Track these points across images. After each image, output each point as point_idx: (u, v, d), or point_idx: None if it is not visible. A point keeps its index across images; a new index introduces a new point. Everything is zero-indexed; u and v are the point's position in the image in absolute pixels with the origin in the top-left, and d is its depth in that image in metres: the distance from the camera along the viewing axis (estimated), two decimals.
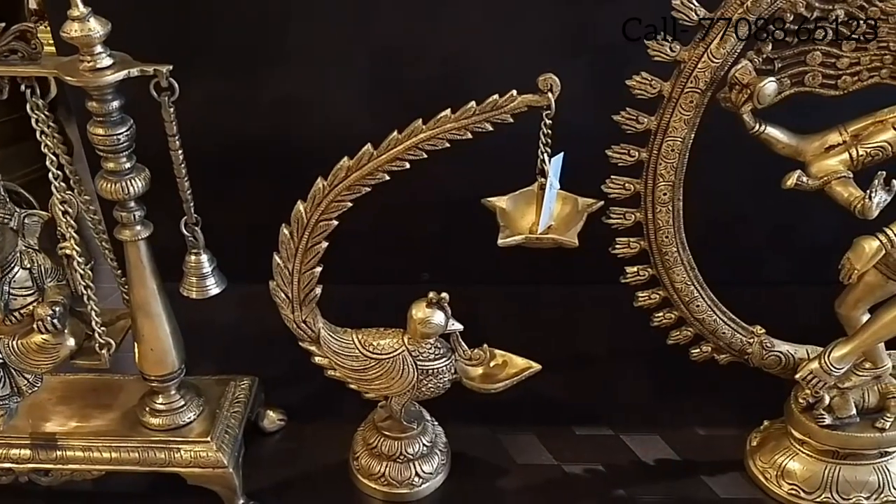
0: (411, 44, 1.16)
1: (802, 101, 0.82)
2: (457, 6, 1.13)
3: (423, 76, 1.18)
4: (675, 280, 0.91)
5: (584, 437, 1.08)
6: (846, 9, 0.77)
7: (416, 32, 1.15)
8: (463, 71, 1.19)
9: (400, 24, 1.16)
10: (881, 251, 0.79)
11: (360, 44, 1.17)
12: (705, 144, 0.86)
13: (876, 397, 0.96)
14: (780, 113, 0.82)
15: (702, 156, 0.88)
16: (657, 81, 0.80)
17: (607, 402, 1.13)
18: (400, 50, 1.17)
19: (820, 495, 0.96)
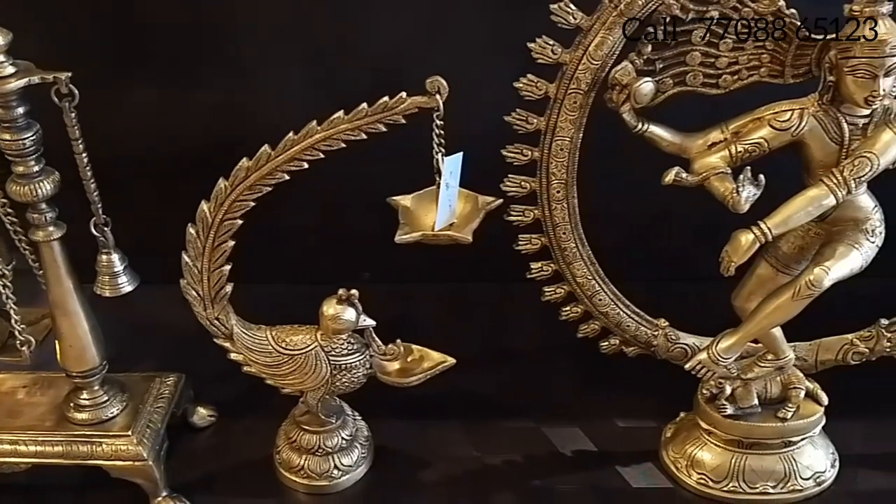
0: (346, 44, 1.20)
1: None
2: (390, 5, 1.17)
3: (358, 76, 1.22)
4: (576, 275, 0.94)
5: (507, 429, 1.11)
6: (720, 10, 0.80)
7: (350, 33, 1.18)
8: (397, 70, 1.22)
9: (334, 25, 1.20)
10: (756, 244, 0.81)
11: (296, 44, 1.20)
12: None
13: (778, 388, 0.98)
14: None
15: (634, 154, 0.90)
16: (543, 83, 0.83)
17: (532, 395, 1.16)
18: (334, 50, 1.21)
19: (727, 484, 0.98)
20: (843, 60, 0.78)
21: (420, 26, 1.17)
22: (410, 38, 1.16)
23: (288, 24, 1.19)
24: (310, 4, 1.17)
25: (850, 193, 0.82)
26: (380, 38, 1.17)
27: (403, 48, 1.17)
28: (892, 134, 0.80)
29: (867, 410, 1.09)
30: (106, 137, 1.27)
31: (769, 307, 0.87)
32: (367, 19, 1.18)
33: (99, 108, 1.26)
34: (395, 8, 1.16)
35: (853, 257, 0.84)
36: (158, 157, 1.26)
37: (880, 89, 0.78)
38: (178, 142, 1.24)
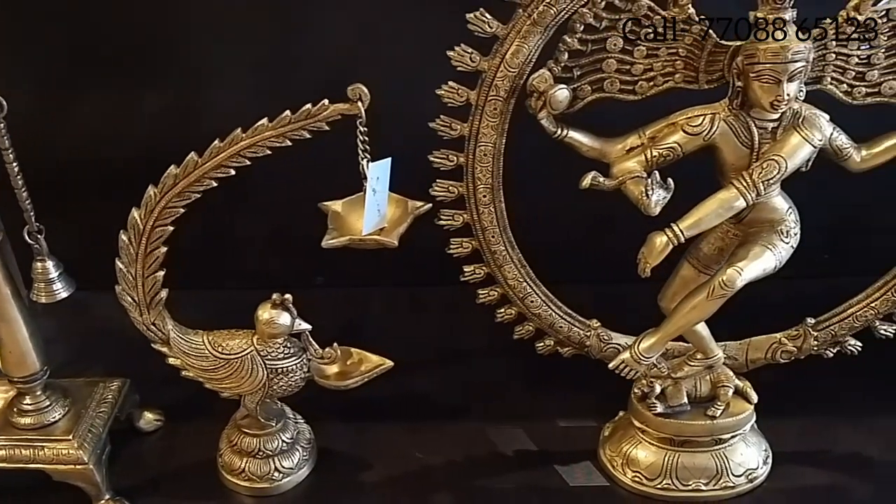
0: (293, 50, 1.22)
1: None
2: (336, 12, 1.19)
3: (305, 82, 1.23)
4: (507, 277, 0.96)
5: (450, 430, 1.12)
6: (633, 18, 0.82)
7: (297, 39, 1.20)
8: (343, 76, 1.24)
9: (281, 31, 1.21)
10: (669, 245, 0.83)
11: (243, 51, 1.22)
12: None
13: (708, 386, 1.00)
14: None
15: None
16: (464, 90, 0.85)
17: (477, 396, 1.18)
18: (281, 56, 1.22)
19: (661, 482, 1.00)
20: (749, 66, 0.81)
21: (366, 33, 1.19)
22: (356, 45, 1.19)
23: (235, 31, 1.21)
24: (257, 11, 1.19)
25: (759, 196, 0.84)
26: (326, 44, 1.19)
27: (349, 54, 1.20)
28: (799, 138, 0.83)
29: (802, 408, 1.11)
30: (56, 143, 1.30)
31: (686, 307, 0.89)
32: (314, 26, 1.20)
33: (49, 114, 1.30)
34: (342, 15, 1.18)
35: (766, 258, 0.86)
36: (108, 162, 1.27)
37: (784, 94, 0.80)
38: (126, 147, 1.26)
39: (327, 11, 1.18)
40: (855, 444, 1.07)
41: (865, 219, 1.27)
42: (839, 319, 0.97)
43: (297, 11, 1.19)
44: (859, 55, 0.83)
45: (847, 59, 0.84)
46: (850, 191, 1.13)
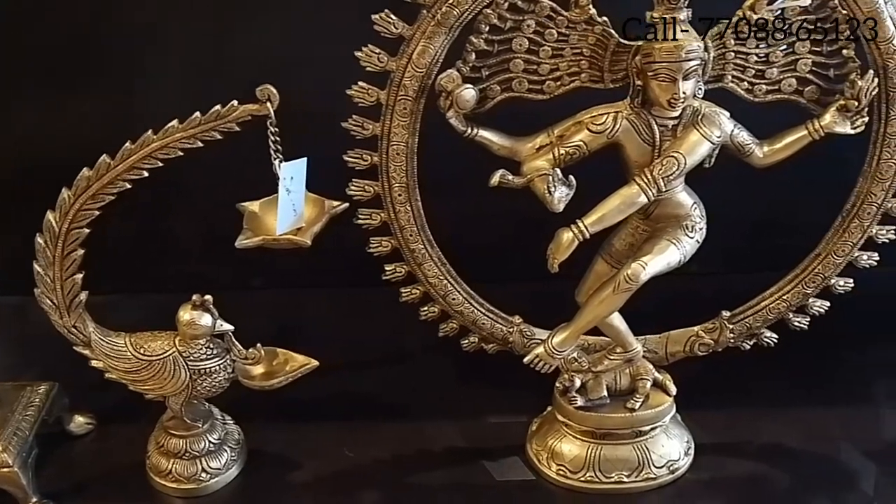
0: (222, 55, 1.22)
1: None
2: (265, 17, 1.20)
3: (234, 87, 1.24)
4: (428, 275, 0.97)
5: (382, 429, 1.13)
6: (536, 19, 0.84)
7: (226, 44, 1.21)
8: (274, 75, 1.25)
9: (209, 36, 1.22)
10: (574, 241, 0.85)
11: (171, 56, 1.22)
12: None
13: (628, 379, 1.02)
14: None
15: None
16: (374, 90, 0.87)
17: (410, 394, 1.19)
18: (210, 61, 1.23)
19: (584, 474, 1.02)
20: (647, 65, 0.83)
21: (297, 34, 1.19)
22: (286, 47, 1.19)
23: (168, 33, 1.22)
24: (185, 17, 1.20)
25: (660, 192, 0.86)
26: (259, 45, 1.19)
27: (279, 58, 1.20)
28: (699, 135, 0.85)
29: (725, 400, 1.14)
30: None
31: (595, 301, 0.91)
32: (246, 27, 1.21)
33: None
34: (271, 19, 1.19)
35: (670, 252, 0.88)
36: (41, 166, 1.25)
37: (680, 92, 0.82)
38: (58, 151, 1.24)
39: (258, 13, 1.19)
40: (776, 435, 1.09)
41: (785, 216, 1.31)
42: (753, 312, 1.00)
43: (229, 13, 1.20)
44: (758, 53, 0.86)
45: (746, 57, 0.86)
46: (771, 189, 1.18)
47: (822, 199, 1.01)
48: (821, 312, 1.00)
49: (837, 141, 0.93)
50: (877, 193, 0.91)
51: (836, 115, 0.87)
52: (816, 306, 1.00)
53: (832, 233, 0.95)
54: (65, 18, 1.20)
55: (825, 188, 0.99)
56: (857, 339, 1.23)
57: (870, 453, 1.06)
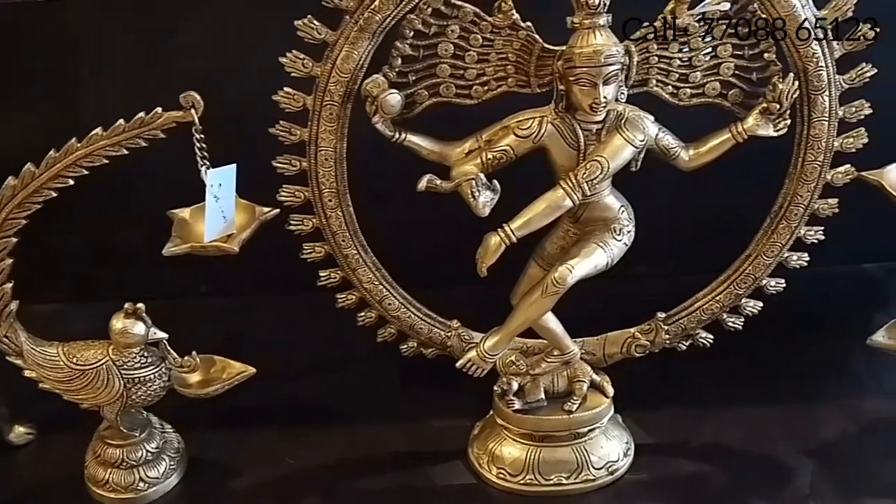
0: (162, 64, 1.21)
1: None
2: (205, 24, 1.19)
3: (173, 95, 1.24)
4: (363, 280, 0.97)
5: (325, 435, 1.12)
6: (460, 24, 0.84)
7: (166, 53, 1.20)
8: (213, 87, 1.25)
9: (149, 44, 1.21)
10: (501, 245, 0.85)
11: (111, 63, 1.21)
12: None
13: (565, 382, 1.02)
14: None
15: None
16: (300, 96, 0.86)
17: (355, 400, 1.18)
18: (149, 70, 1.21)
19: (524, 477, 1.02)
20: (568, 70, 0.83)
21: (237, 42, 1.19)
22: (226, 55, 1.18)
23: (97, 44, 1.21)
24: (120, 22, 1.18)
25: (585, 195, 0.87)
26: (200, 51, 1.18)
27: (220, 66, 1.19)
28: (622, 139, 0.86)
29: (667, 400, 1.14)
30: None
31: (524, 305, 0.91)
32: (186, 33, 1.19)
33: None
34: (211, 26, 1.18)
35: (598, 255, 0.89)
36: None
37: (601, 97, 0.83)
38: None
39: (193, 20, 1.19)
40: (716, 435, 1.10)
41: (734, 218, 1.32)
42: (688, 314, 1.01)
43: (169, 18, 1.20)
44: (681, 58, 0.87)
45: (669, 61, 0.87)
46: (721, 191, 1.19)
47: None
48: (754, 313, 1.01)
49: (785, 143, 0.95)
50: (803, 195, 0.93)
51: (759, 118, 0.88)
52: (749, 307, 1.01)
53: (761, 234, 0.96)
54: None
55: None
56: (798, 339, 1.24)
57: (808, 452, 1.07)
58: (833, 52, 0.87)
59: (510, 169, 0.93)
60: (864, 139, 0.91)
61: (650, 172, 0.96)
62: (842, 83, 0.88)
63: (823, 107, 0.87)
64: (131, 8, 1.15)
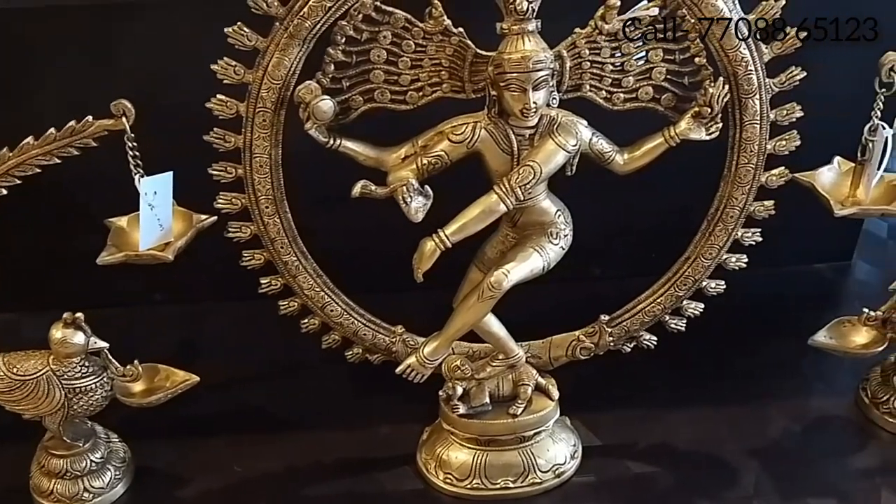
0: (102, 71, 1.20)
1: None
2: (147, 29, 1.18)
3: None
4: (304, 287, 0.97)
5: (274, 441, 1.12)
6: (392, 30, 0.84)
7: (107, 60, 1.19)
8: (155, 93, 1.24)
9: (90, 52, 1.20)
10: (436, 251, 0.86)
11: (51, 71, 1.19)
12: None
13: (510, 385, 1.02)
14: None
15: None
16: (233, 103, 0.86)
17: (306, 407, 1.18)
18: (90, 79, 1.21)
19: (471, 482, 1.02)
20: (499, 76, 0.83)
21: (179, 49, 1.18)
22: (167, 62, 1.16)
23: (42, 50, 1.20)
24: (62, 30, 1.17)
25: (518, 200, 0.87)
26: (136, 63, 1.16)
27: (162, 73, 1.18)
28: (554, 144, 0.86)
29: (616, 402, 1.15)
30: None
31: (461, 309, 0.92)
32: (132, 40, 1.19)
33: None
34: (153, 32, 1.17)
35: (534, 259, 0.89)
36: None
37: (531, 102, 0.83)
38: None
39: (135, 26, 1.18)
40: (663, 436, 1.10)
41: (683, 221, 1.33)
42: (630, 315, 1.01)
43: (110, 26, 1.18)
44: (613, 63, 0.87)
45: (602, 66, 0.88)
46: (673, 194, 1.20)
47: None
48: (695, 314, 1.02)
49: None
50: (738, 197, 0.93)
51: (691, 122, 0.89)
52: (691, 308, 1.02)
53: (699, 236, 0.97)
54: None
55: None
56: (749, 339, 1.25)
57: (753, 452, 1.08)
58: (762, 55, 0.88)
59: (457, 173, 0.94)
60: (797, 142, 0.92)
61: (603, 175, 0.96)
62: (772, 86, 0.89)
63: (754, 110, 0.88)
64: (73, 17, 1.14)
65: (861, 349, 1.05)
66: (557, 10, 0.84)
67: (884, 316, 1.04)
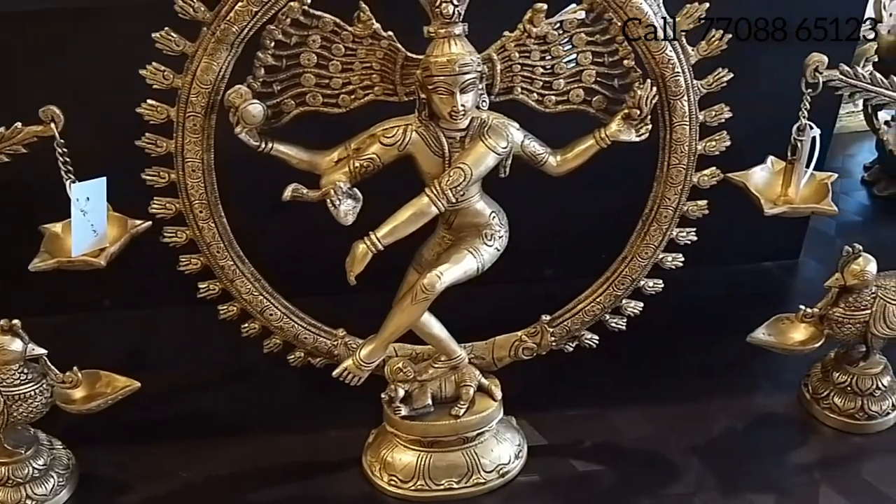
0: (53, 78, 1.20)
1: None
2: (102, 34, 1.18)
3: None
4: (242, 291, 0.97)
5: (221, 447, 1.11)
6: (321, 34, 0.85)
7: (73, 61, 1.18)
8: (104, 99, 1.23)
9: (39, 58, 1.19)
10: (368, 254, 0.86)
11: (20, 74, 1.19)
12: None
13: (453, 387, 1.03)
14: None
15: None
16: (163, 108, 0.86)
17: (255, 412, 1.17)
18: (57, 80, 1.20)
19: (415, 483, 1.02)
20: (427, 79, 0.84)
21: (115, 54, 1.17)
22: (102, 67, 1.15)
23: (14, 55, 1.19)
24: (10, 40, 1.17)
25: (450, 202, 0.87)
26: (73, 69, 1.14)
27: (98, 79, 1.17)
28: (484, 147, 0.86)
29: (562, 401, 1.15)
30: None
31: (396, 311, 0.92)
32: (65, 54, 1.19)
33: None
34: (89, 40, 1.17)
35: (467, 261, 0.89)
36: None
37: (459, 105, 0.83)
38: None
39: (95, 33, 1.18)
40: (608, 434, 1.11)
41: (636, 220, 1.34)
42: (571, 315, 1.02)
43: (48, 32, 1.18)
44: (543, 65, 0.88)
45: (532, 69, 0.88)
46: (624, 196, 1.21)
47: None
48: (635, 313, 1.03)
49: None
50: (671, 197, 0.94)
51: (622, 124, 0.90)
52: (630, 307, 1.03)
53: (635, 236, 0.98)
54: None
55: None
56: (696, 337, 1.26)
57: (696, 449, 1.08)
58: (689, 57, 0.89)
59: (397, 175, 0.94)
60: (727, 142, 0.94)
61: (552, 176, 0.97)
62: (700, 88, 0.90)
63: (683, 111, 0.89)
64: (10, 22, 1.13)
65: (799, 346, 1.07)
66: (489, 13, 0.85)
67: (820, 312, 1.06)
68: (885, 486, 1.03)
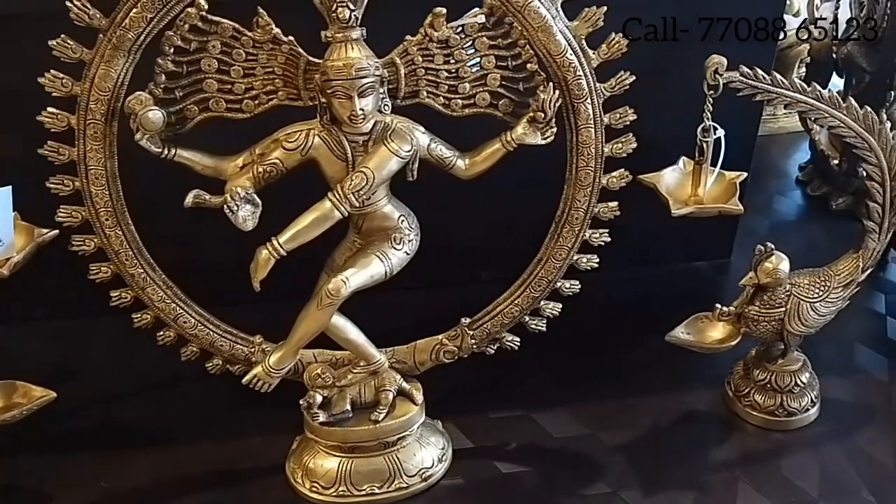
0: None
1: None
2: None
3: None
4: (154, 299, 0.96)
5: (142, 456, 1.10)
6: (221, 40, 0.84)
7: None
8: None
9: None
10: (271, 259, 0.86)
11: None
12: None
13: (373, 392, 1.02)
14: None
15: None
16: (64, 115, 0.85)
17: (179, 421, 1.16)
18: None
19: (337, 489, 1.02)
20: (325, 83, 0.84)
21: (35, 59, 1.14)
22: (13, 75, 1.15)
23: None
24: None
25: (353, 206, 0.87)
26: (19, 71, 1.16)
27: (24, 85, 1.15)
28: (387, 150, 0.87)
29: (487, 403, 1.16)
30: None
31: (302, 317, 0.91)
32: None
33: None
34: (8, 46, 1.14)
35: (374, 266, 0.89)
36: None
37: (357, 109, 0.83)
38: None
39: None
40: (533, 435, 1.12)
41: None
42: (490, 317, 1.02)
43: None
44: (448, 69, 0.88)
45: (437, 73, 0.89)
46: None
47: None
48: (554, 314, 1.04)
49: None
50: (581, 199, 0.95)
51: (527, 127, 0.90)
52: (549, 309, 1.03)
53: (549, 238, 0.98)
54: None
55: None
56: (627, 337, 1.27)
57: (620, 448, 1.09)
58: (590, 61, 0.89)
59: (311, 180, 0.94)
60: (633, 144, 0.94)
61: (488, 177, 0.97)
62: (603, 91, 0.91)
63: (587, 114, 0.90)
64: None
65: (717, 344, 1.08)
66: (392, 17, 0.85)
67: (737, 311, 1.07)
68: (803, 482, 1.05)
